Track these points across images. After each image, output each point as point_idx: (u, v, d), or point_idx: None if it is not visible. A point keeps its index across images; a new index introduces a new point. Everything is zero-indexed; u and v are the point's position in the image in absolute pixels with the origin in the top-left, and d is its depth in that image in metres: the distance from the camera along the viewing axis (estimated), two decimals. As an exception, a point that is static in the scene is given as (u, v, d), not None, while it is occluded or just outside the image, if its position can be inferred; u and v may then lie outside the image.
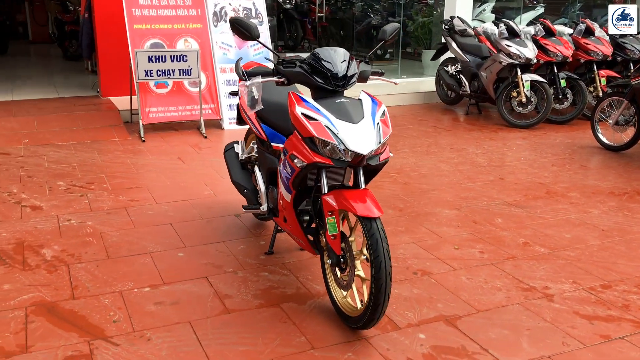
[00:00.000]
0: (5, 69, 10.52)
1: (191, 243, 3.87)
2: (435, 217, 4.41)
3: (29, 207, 4.42)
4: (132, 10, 6.70)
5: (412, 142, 6.57)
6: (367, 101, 2.92)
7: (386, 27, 3.23)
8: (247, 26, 2.97)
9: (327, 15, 13.73)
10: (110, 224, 4.14)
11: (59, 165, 5.45)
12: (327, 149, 2.74)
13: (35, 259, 3.57)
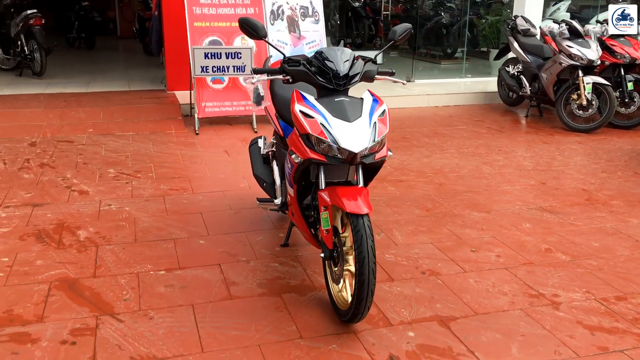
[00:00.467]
0: (88, 63, 11.24)
1: (214, 232, 4.05)
2: (462, 219, 4.38)
3: (77, 191, 4.77)
4: (192, 9, 7.01)
5: (460, 143, 6.49)
6: (367, 100, 2.98)
7: (396, 27, 3.26)
8: (254, 26, 3.10)
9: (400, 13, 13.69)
10: (146, 210, 4.41)
11: (114, 153, 5.82)
12: (322, 146, 2.82)
13: (70, 239, 3.88)
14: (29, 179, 5.04)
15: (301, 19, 7.46)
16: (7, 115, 7.02)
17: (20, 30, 9.32)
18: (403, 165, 5.64)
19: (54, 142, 6.19)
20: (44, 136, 6.39)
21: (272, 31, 7.33)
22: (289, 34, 7.39)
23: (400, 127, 7.20)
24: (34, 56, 9.33)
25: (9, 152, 5.78)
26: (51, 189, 4.79)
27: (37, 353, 2.69)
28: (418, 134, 6.85)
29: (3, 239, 3.86)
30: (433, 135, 6.84)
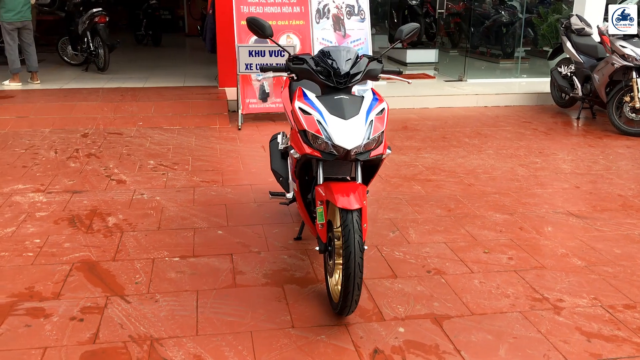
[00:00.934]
0: (150, 60, 11.72)
1: (234, 223, 4.21)
2: (482, 220, 4.35)
3: (115, 180, 5.05)
4: (240, 8, 7.22)
5: (500, 144, 6.39)
6: (367, 98, 3.03)
7: (403, 26, 3.30)
8: (261, 25, 3.21)
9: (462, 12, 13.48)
10: (175, 200, 4.62)
11: (157, 146, 6.10)
12: (318, 142, 2.91)
13: (99, 225, 4.13)
14: (75, 167, 5.37)
15: (347, 17, 7.53)
16: (67, 108, 7.46)
17: (86, 27, 9.85)
18: (436, 165, 5.62)
19: (105, 133, 6.55)
20: (97, 128, 6.76)
21: (317, 29, 7.44)
22: (333, 32, 7.48)
23: (443, 126, 7.15)
24: (99, 52, 9.85)
25: (62, 142, 6.17)
26: (92, 178, 5.09)
27: (47, 327, 2.91)
28: (459, 134, 6.79)
29: (39, 222, 4.16)
30: (474, 135, 6.76)
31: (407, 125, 7.21)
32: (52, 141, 6.21)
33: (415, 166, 5.58)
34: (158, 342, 2.81)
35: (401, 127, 7.09)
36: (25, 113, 7.20)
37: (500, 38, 11.66)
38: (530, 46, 11.59)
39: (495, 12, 11.76)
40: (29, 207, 4.42)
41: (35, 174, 5.15)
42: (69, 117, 7.12)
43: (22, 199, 4.57)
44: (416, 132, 6.88)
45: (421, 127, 7.12)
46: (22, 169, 5.27)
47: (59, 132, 6.55)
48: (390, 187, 5.01)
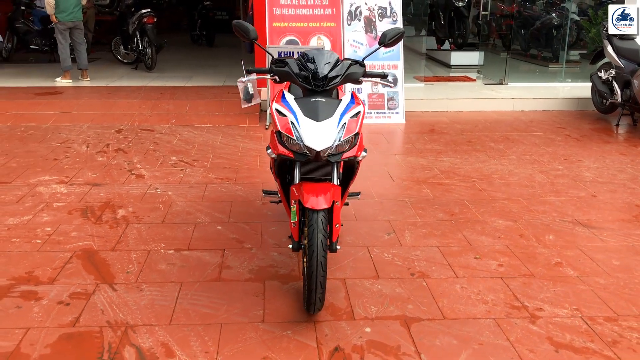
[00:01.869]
0: (199, 59, 12.07)
1: (235, 219, 4.34)
2: (483, 225, 4.31)
3: (135, 175, 5.28)
4: (273, 10, 7.37)
5: (525, 149, 6.26)
6: (344, 101, 3.09)
7: (387, 30, 3.33)
8: (245, 29, 3.32)
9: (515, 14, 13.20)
10: (185, 195, 4.80)
11: (184, 143, 6.32)
12: (291, 143, 2.99)
13: (109, 216, 4.35)
14: (101, 161, 5.65)
15: (379, 20, 7.55)
16: (108, 104, 7.82)
17: (135, 27, 10.26)
18: (452, 169, 5.58)
19: (138, 130, 6.83)
20: (131, 124, 7.06)
21: (348, 31, 7.50)
22: (365, 35, 7.52)
23: (471, 130, 7.06)
24: (147, 52, 10.24)
25: (96, 137, 6.49)
26: (114, 172, 5.35)
27: (35, 309, 3.12)
28: (485, 139, 6.69)
29: (55, 211, 4.42)
30: (501, 140, 6.65)
31: (435, 128, 7.16)
32: (87, 136, 6.53)
33: (431, 169, 5.56)
34: (132, 328, 2.96)
35: (428, 130, 7.05)
36: (68, 109, 7.60)
37: (550, 41, 11.35)
38: (579, 49, 11.23)
39: (545, 14, 11.45)
40: (49, 197, 4.70)
41: (63, 167, 5.45)
42: (108, 114, 7.46)
43: (44, 190, 4.86)
44: (442, 135, 6.83)
45: (449, 130, 7.06)
46: (53, 162, 5.59)
47: (95, 128, 6.89)
48: (398, 190, 5.02)
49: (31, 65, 10.93)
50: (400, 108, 7.51)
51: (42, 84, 8.95)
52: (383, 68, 7.46)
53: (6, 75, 9.68)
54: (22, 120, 7.14)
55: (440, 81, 9.88)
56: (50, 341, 2.85)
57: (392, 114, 7.49)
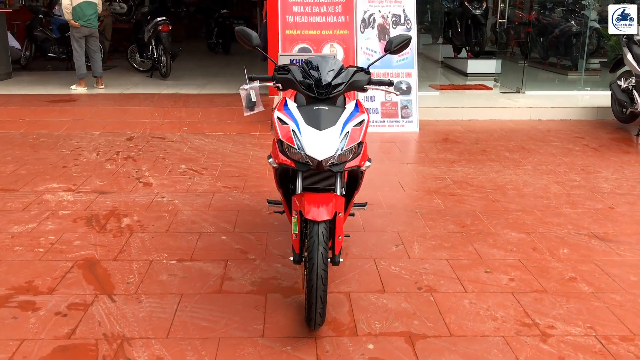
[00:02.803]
0: (215, 67, 12.08)
1: (241, 229, 4.26)
2: (495, 238, 4.18)
3: (143, 183, 5.24)
4: (285, 17, 7.32)
5: (541, 159, 6.11)
6: (348, 110, 3.00)
7: (394, 37, 3.23)
8: (247, 35, 3.24)
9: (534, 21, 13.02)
10: (192, 204, 4.73)
11: (194, 151, 6.27)
12: (292, 152, 2.90)
13: (113, 225, 4.30)
14: (110, 169, 5.61)
15: (392, 27, 7.46)
16: (120, 112, 7.82)
17: (151, 35, 10.29)
18: (465, 179, 5.45)
19: (148, 137, 6.81)
20: (143, 132, 7.04)
21: (362, 39, 7.42)
22: (378, 42, 7.43)
23: (486, 139, 6.93)
24: (161, 59, 10.25)
25: (106, 145, 6.47)
26: (122, 180, 5.30)
27: (32, 320, 3.06)
28: (501, 148, 6.55)
29: (60, 219, 4.38)
30: (517, 149, 6.50)
31: (449, 137, 7.04)
32: (98, 143, 6.52)
33: (443, 179, 5.44)
34: (128, 341, 2.89)
35: (442, 139, 6.93)
36: (81, 116, 7.61)
37: (569, 49, 11.16)
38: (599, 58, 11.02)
39: (565, 21, 11.27)
40: (55, 205, 4.66)
41: (71, 174, 5.43)
42: (120, 121, 7.45)
43: (51, 197, 4.83)
44: (456, 144, 6.70)
45: (463, 139, 6.93)
46: (62, 169, 5.57)
47: (107, 135, 6.88)
48: (409, 200, 4.91)
49: (48, 73, 11.01)
50: (414, 116, 7.40)
51: (57, 92, 8.99)
52: (397, 76, 7.36)
53: (23, 82, 9.76)
54: (35, 127, 7.15)
55: (456, 89, 9.75)
56: (44, 354, 2.78)
57: (405, 123, 7.38)
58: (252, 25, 19.64)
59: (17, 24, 12.29)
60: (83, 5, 8.92)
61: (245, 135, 6.99)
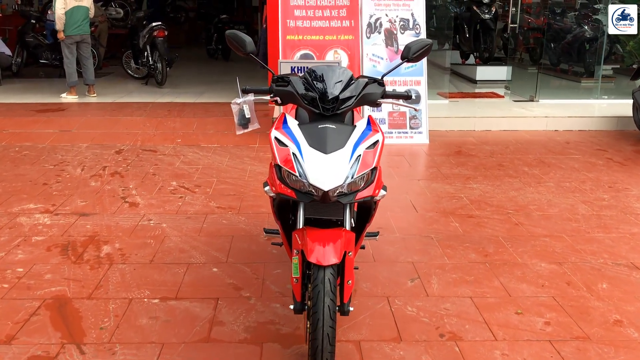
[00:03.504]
0: (213, 75, 11.61)
1: (234, 259, 3.77)
2: (523, 270, 3.68)
3: (129, 203, 4.75)
4: (286, 22, 6.85)
5: (564, 175, 5.62)
6: (359, 128, 2.52)
7: (412, 43, 2.76)
8: (240, 40, 2.77)
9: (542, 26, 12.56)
10: (181, 228, 4.25)
11: (187, 166, 5.79)
12: (293, 180, 2.42)
13: (91, 254, 3.81)
14: (94, 187, 5.13)
15: (400, 32, 6.98)
16: (111, 122, 7.35)
17: (146, 41, 9.82)
18: (483, 198, 4.96)
19: (139, 150, 6.33)
20: (134, 144, 6.56)
21: (367, 45, 6.94)
22: (385, 48, 6.95)
23: (502, 152, 6.44)
24: (157, 66, 9.79)
25: (93, 159, 5.99)
26: (107, 199, 4.82)
27: (-18, 379, 2.57)
28: (519, 162, 6.06)
29: (32, 247, 3.89)
30: (536, 164, 6.01)
31: (462, 149, 6.55)
32: (85, 157, 6.04)
33: (459, 198, 4.95)
34: (95, 409, 2.40)
35: (454, 152, 6.44)
36: (69, 127, 7.14)
37: (582, 55, 10.68)
38: (615, 64, 10.55)
39: (578, 26, 10.79)
40: (29, 230, 4.18)
41: (51, 193, 4.95)
42: (110, 132, 6.98)
43: (26, 220, 4.35)
44: (470, 158, 6.21)
45: (477, 152, 6.44)
46: (42, 187, 5.09)
47: (95, 148, 6.40)
48: (423, 223, 4.42)
49: (40, 80, 10.56)
50: (424, 127, 6.91)
51: (46, 100, 8.53)
52: (405, 84, 6.88)
53: (12, 90, 9.31)
54: (18, 139, 6.68)
55: (465, 97, 9.27)
56: None
57: (414, 134, 6.89)
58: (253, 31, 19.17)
59: (9, 29, 11.84)
60: (74, 10, 8.47)
61: (242, 148, 6.50)
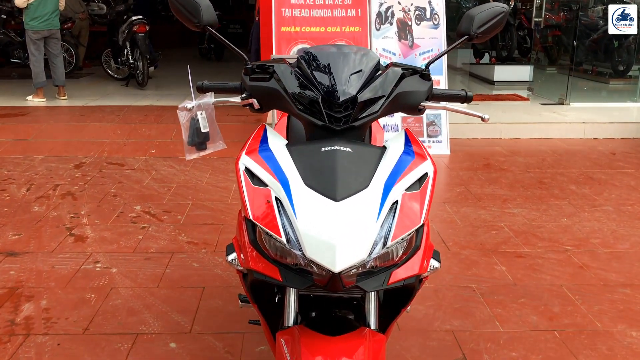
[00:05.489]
0: (202, 75, 10.53)
1: (202, 327, 2.69)
2: (608, 342, 2.60)
3: (74, 236, 3.68)
4: (281, 11, 5.79)
5: (622, 195, 4.54)
6: (393, 153, 1.43)
7: (474, 10, 1.68)
8: (191, 4, 1.66)
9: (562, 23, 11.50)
10: (135, 275, 3.17)
11: (157, 184, 4.72)
12: (277, 249, 1.33)
13: (5, 317, 2.73)
14: (36, 213, 4.06)
15: (415, 23, 5.91)
16: (76, 130, 6.28)
17: (125, 37, 8.76)
18: (530, 228, 3.89)
19: (104, 164, 5.25)
20: (99, 156, 5.49)
21: (377, 38, 5.88)
22: (398, 42, 5.88)
23: (539, 166, 5.36)
24: (138, 65, 8.72)
25: (46, 175, 4.91)
26: (47, 231, 3.75)
27: None
28: (562, 178, 4.99)
29: None
30: (584, 180, 4.93)
31: (491, 161, 5.47)
32: (35, 173, 4.96)
33: (500, 229, 3.87)
34: None
35: (483, 165, 5.36)
36: (25, 135, 6.07)
37: (611, 53, 9.61)
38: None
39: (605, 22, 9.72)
40: None
41: (-21, 222, 3.87)
42: (73, 142, 5.90)
43: None
44: (502, 172, 5.13)
45: (509, 165, 5.36)
46: (-31, 213, 4.02)
47: (51, 161, 5.32)
48: (458, 267, 3.34)
49: (10, 81, 9.50)
50: (444, 135, 5.84)
51: (8, 104, 7.46)
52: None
53: (-29, 93, 8.24)
54: (-39, 150, 5.61)
55: (485, 100, 8.19)
56: None
57: (433, 143, 5.82)
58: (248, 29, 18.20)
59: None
60: (42, 1, 7.41)
61: (228, 160, 5.43)
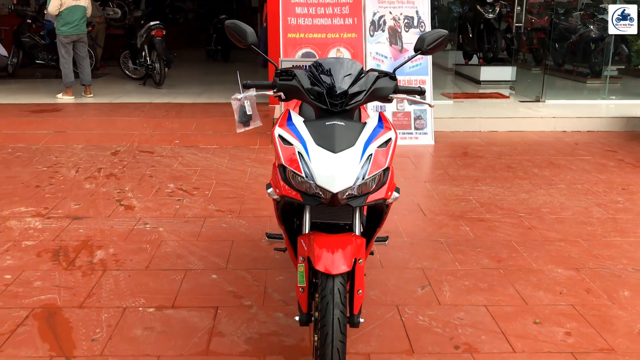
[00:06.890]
0: (212, 75, 11.43)
1: (235, 265, 3.58)
2: (539, 276, 3.49)
3: (124, 206, 4.56)
4: (287, 19, 6.67)
5: (575, 177, 5.43)
6: (370, 125, 2.33)
7: (426, 33, 2.57)
8: (241, 31, 2.58)
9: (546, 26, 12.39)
10: (178, 233, 4.06)
11: (185, 167, 5.60)
12: (299, 182, 2.23)
13: (83, 260, 3.62)
14: (88, 189, 4.94)
15: (404, 30, 6.80)
16: (107, 123, 7.16)
17: (143, 41, 9.64)
18: (493, 201, 4.77)
19: (136, 152, 6.14)
20: (130, 145, 6.37)
21: (371, 43, 6.76)
22: (389, 46, 6.77)
23: (510, 153, 6.25)
24: (155, 66, 9.60)
25: (88, 160, 5.80)
26: (101, 202, 4.63)
27: (-38, 396, 2.38)
28: (528, 163, 5.88)
29: (21, 253, 3.70)
30: (545, 165, 5.83)
31: (468, 151, 6.36)
32: (79, 159, 5.85)
33: (468, 201, 4.76)
34: None
35: (461, 153, 6.25)
36: (64, 128, 6.95)
37: (588, 55, 10.50)
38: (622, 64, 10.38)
39: (583, 26, 10.62)
40: (19, 234, 3.99)
41: (44, 196, 4.76)
42: (106, 133, 6.79)
43: (16, 224, 4.15)
44: (477, 159, 6.03)
45: (484, 153, 6.26)
46: (34, 190, 4.90)
47: (90, 149, 6.21)
48: (432, 227, 4.23)
49: (36, 80, 10.37)
50: (429, 128, 6.73)
51: (41, 101, 8.33)
52: (410, 84, 6.69)
53: (7, 91, 9.11)
54: (11, 140, 6.49)
55: (469, 98, 9.09)
56: None
57: (419, 135, 6.71)
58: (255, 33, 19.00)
59: (5, 29, 11.67)
60: (71, 9, 8.28)
61: (242, 149, 6.31)
